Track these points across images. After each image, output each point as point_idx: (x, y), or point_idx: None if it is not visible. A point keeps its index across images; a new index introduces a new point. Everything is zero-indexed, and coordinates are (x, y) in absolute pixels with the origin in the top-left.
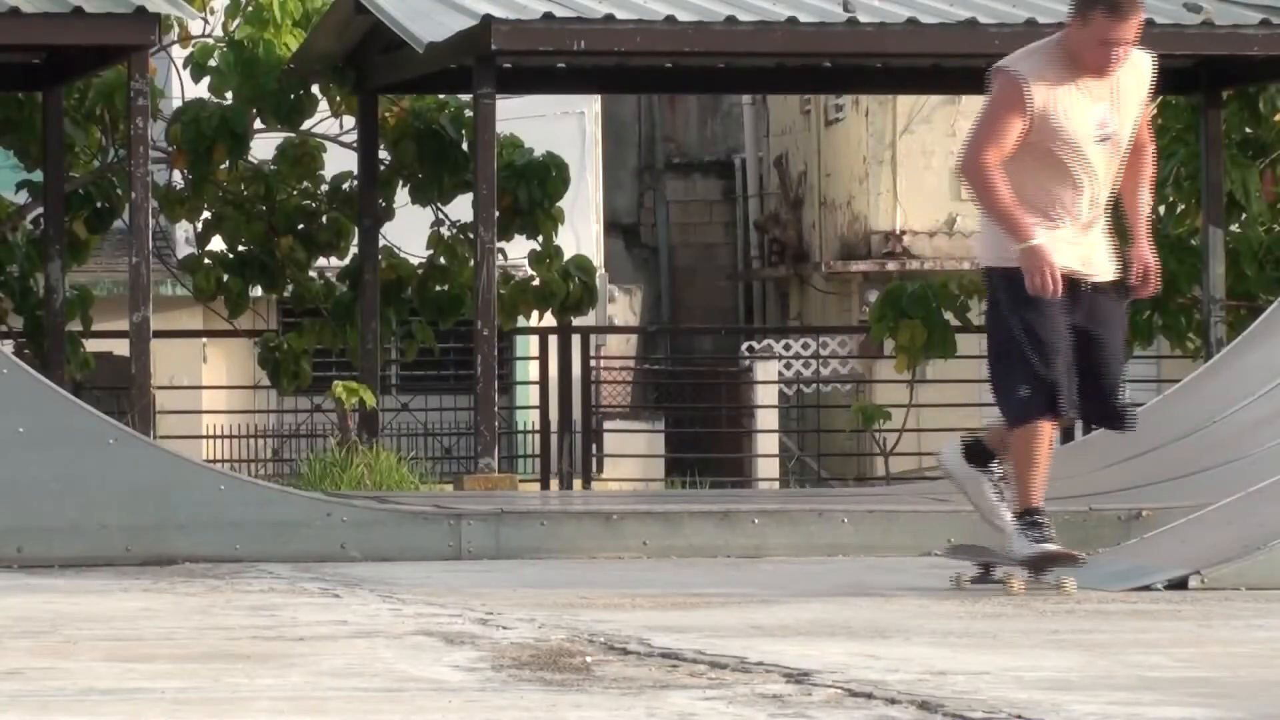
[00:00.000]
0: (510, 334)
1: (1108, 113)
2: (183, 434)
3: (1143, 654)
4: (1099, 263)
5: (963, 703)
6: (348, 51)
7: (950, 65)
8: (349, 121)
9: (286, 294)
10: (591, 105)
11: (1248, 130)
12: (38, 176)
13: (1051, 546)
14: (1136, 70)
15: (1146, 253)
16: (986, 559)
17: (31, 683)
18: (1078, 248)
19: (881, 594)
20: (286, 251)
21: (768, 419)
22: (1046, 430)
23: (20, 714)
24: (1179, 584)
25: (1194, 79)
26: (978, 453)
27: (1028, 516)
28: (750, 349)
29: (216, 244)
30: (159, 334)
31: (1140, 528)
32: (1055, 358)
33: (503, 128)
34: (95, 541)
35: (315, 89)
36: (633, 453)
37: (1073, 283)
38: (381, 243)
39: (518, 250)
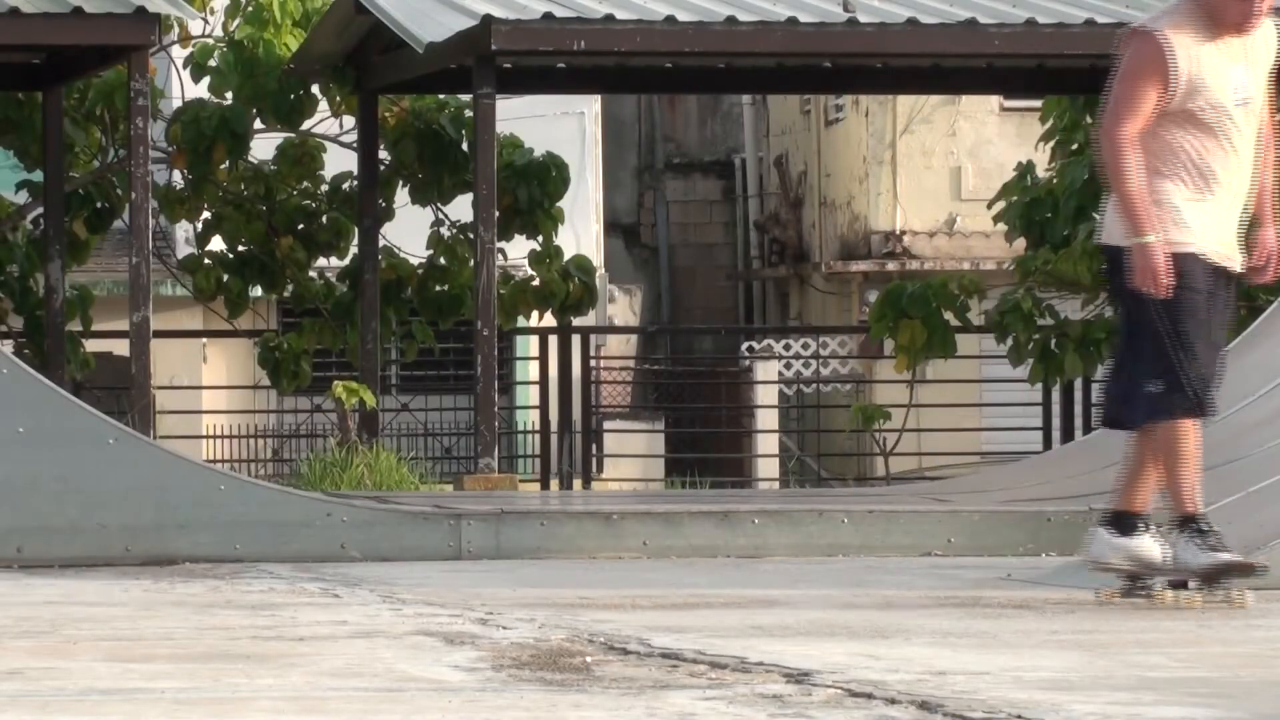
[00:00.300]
0: (510, 334)
1: (1243, 75)
2: (183, 434)
3: (1143, 654)
4: (1237, 250)
5: (963, 703)
6: (348, 51)
7: (950, 65)
8: (349, 121)
9: (286, 294)
10: (591, 105)
11: None
12: (38, 176)
13: (1227, 556)
14: (1265, 33)
15: (1272, 237)
16: (1137, 569)
17: (31, 683)
18: (1223, 230)
19: (881, 594)
20: (286, 251)
21: (768, 419)
22: (1189, 428)
23: (20, 714)
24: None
25: None
26: (1125, 521)
27: (1192, 524)
28: (750, 349)
29: (216, 244)
30: (159, 334)
31: None
32: (1198, 350)
33: (503, 128)
34: (95, 541)
35: (315, 89)
36: (633, 453)
37: (1215, 269)
38: (381, 243)
39: (518, 250)
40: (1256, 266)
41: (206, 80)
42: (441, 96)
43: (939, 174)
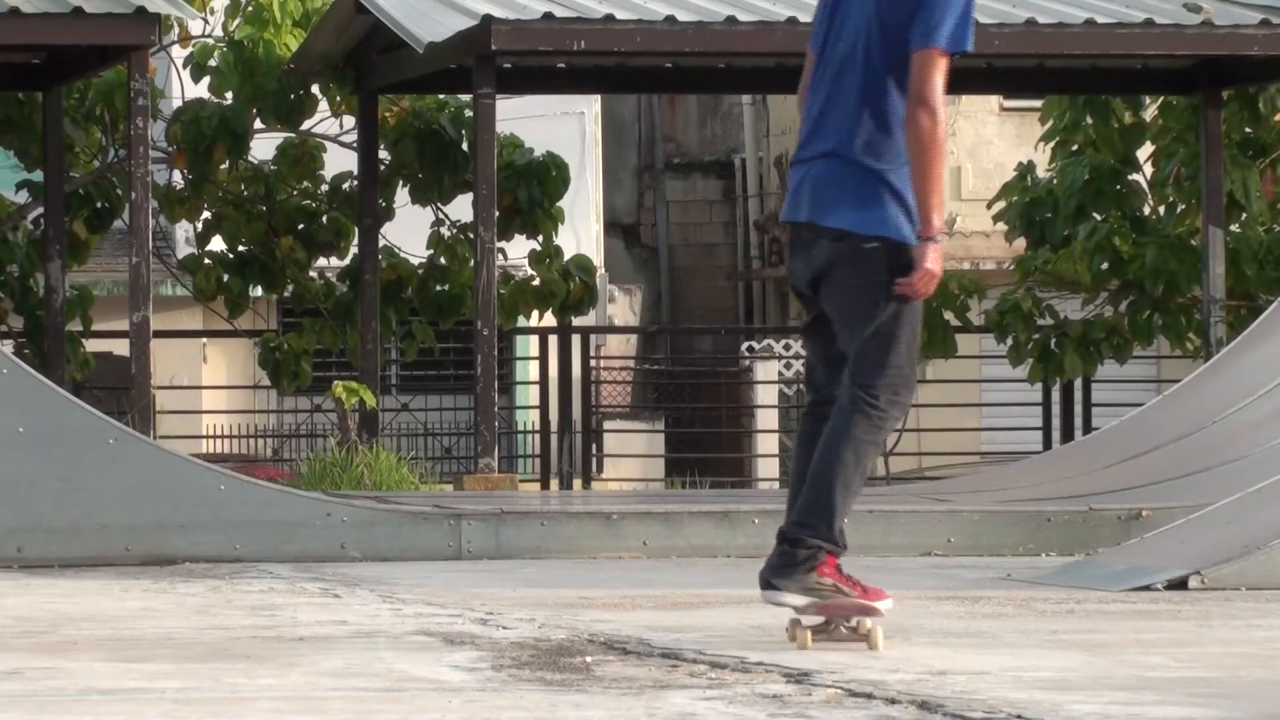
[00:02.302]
0: (510, 334)
1: None
2: (183, 434)
3: (1143, 654)
4: None
5: (963, 703)
6: (348, 51)
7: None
8: (349, 121)
9: (286, 294)
10: (591, 105)
11: (1248, 130)
12: (38, 176)
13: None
14: None
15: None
16: None
17: (31, 683)
18: None
19: None
20: (286, 251)
21: (768, 419)
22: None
23: (20, 714)
24: (1179, 584)
25: (1194, 79)
26: None
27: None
28: (750, 349)
29: (216, 244)
30: (159, 334)
31: (1140, 528)
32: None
33: (503, 128)
34: (95, 541)
35: (315, 89)
36: (633, 453)
37: None
38: (381, 243)
39: (518, 250)
40: None
41: (206, 80)
42: (441, 96)
43: None
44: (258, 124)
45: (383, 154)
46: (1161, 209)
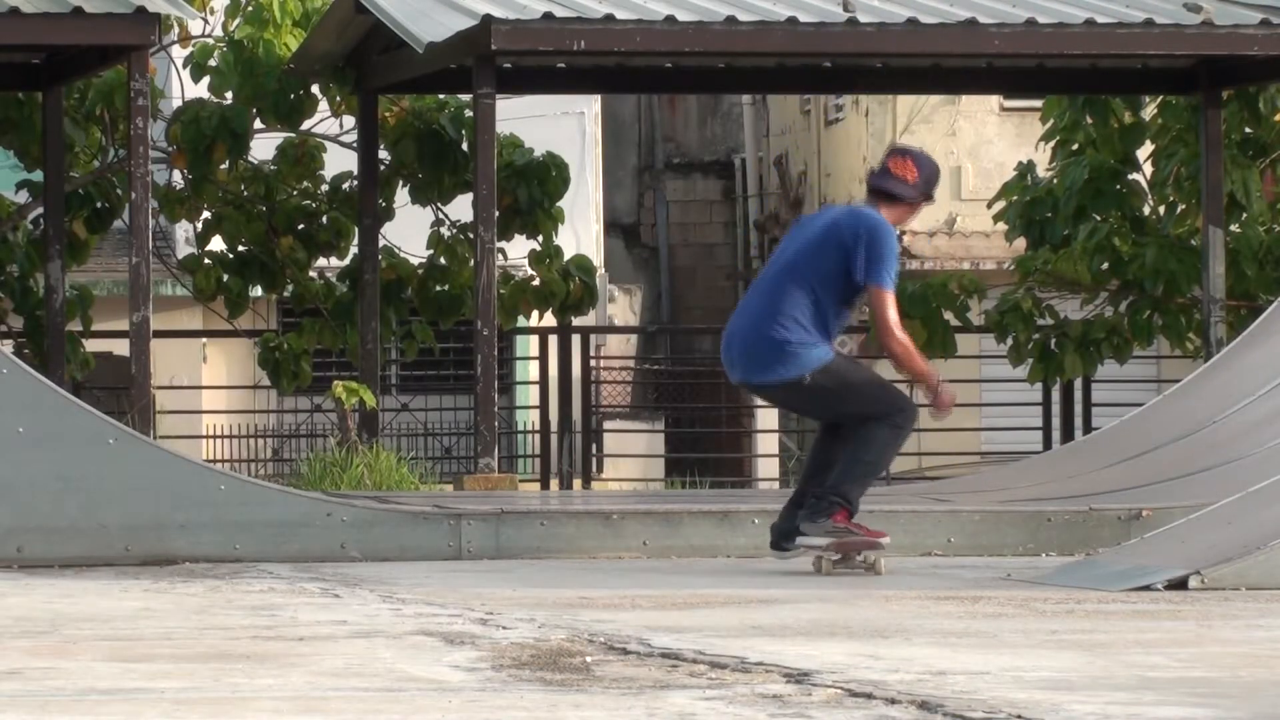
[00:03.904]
0: (510, 334)
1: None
2: (183, 434)
3: (1143, 654)
4: None
5: (963, 703)
6: (348, 51)
7: (950, 65)
8: (349, 121)
9: (286, 294)
10: (591, 105)
11: (1248, 130)
12: (38, 176)
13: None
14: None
15: None
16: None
17: (31, 683)
18: None
19: (881, 594)
20: (286, 251)
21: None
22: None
23: (20, 714)
24: (1179, 584)
25: (1194, 79)
26: None
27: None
28: None
29: (216, 244)
30: (159, 334)
31: (1140, 528)
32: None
33: (503, 128)
34: (95, 541)
35: (315, 89)
36: (633, 453)
37: None
38: (381, 243)
39: (518, 250)
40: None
41: (206, 80)
42: (441, 96)
43: None
44: (258, 124)
45: (383, 154)
46: (1161, 209)
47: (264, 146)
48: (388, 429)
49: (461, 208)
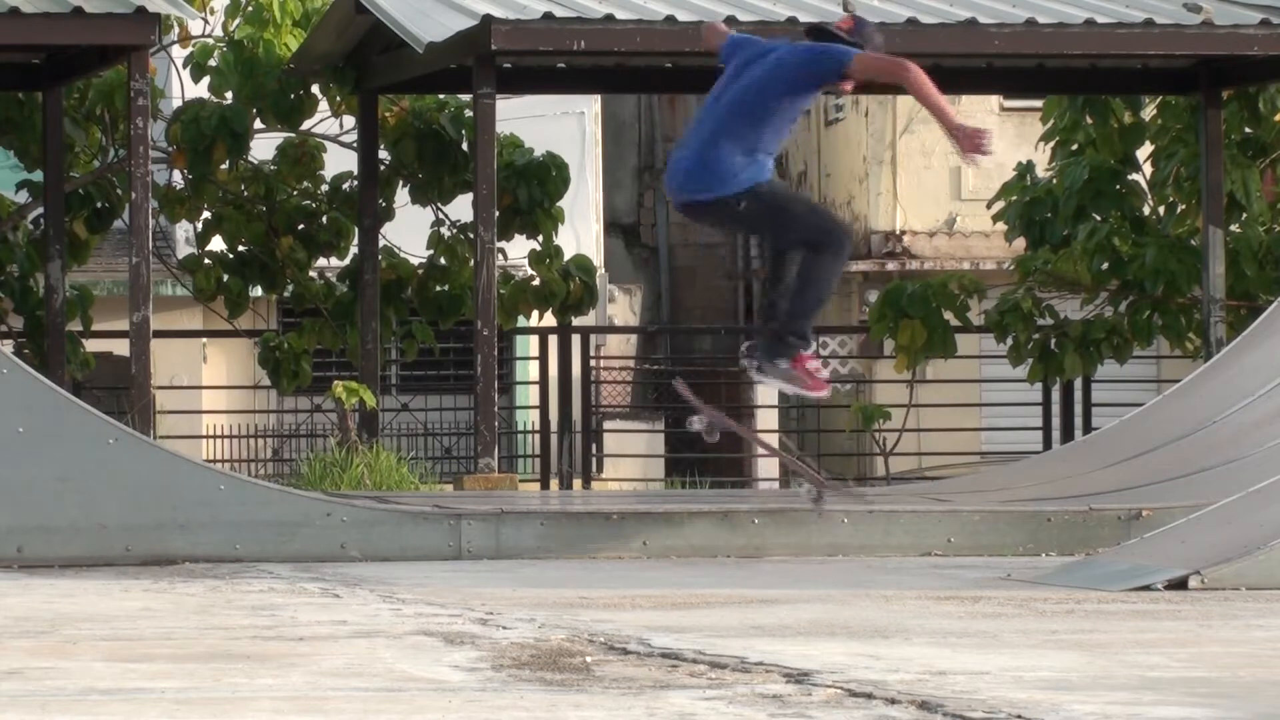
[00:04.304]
0: (510, 334)
1: None
2: (183, 434)
3: (1143, 654)
4: None
5: (963, 703)
6: (348, 51)
7: (950, 65)
8: (349, 121)
9: (286, 294)
10: (591, 105)
11: (1248, 130)
12: (38, 176)
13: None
14: None
15: None
16: None
17: (31, 683)
18: None
19: (881, 594)
20: (286, 251)
21: (768, 419)
22: None
23: (20, 714)
24: (1179, 584)
25: (1194, 79)
26: None
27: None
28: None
29: (216, 244)
30: (159, 334)
31: (1140, 528)
32: None
33: (503, 128)
34: (95, 541)
35: (315, 89)
36: (633, 453)
37: None
38: (381, 243)
39: (518, 250)
40: None
41: (206, 80)
42: (441, 96)
43: (939, 174)
44: (258, 124)
45: (383, 154)
46: (1161, 209)
47: (264, 146)
48: (388, 429)
49: (461, 208)
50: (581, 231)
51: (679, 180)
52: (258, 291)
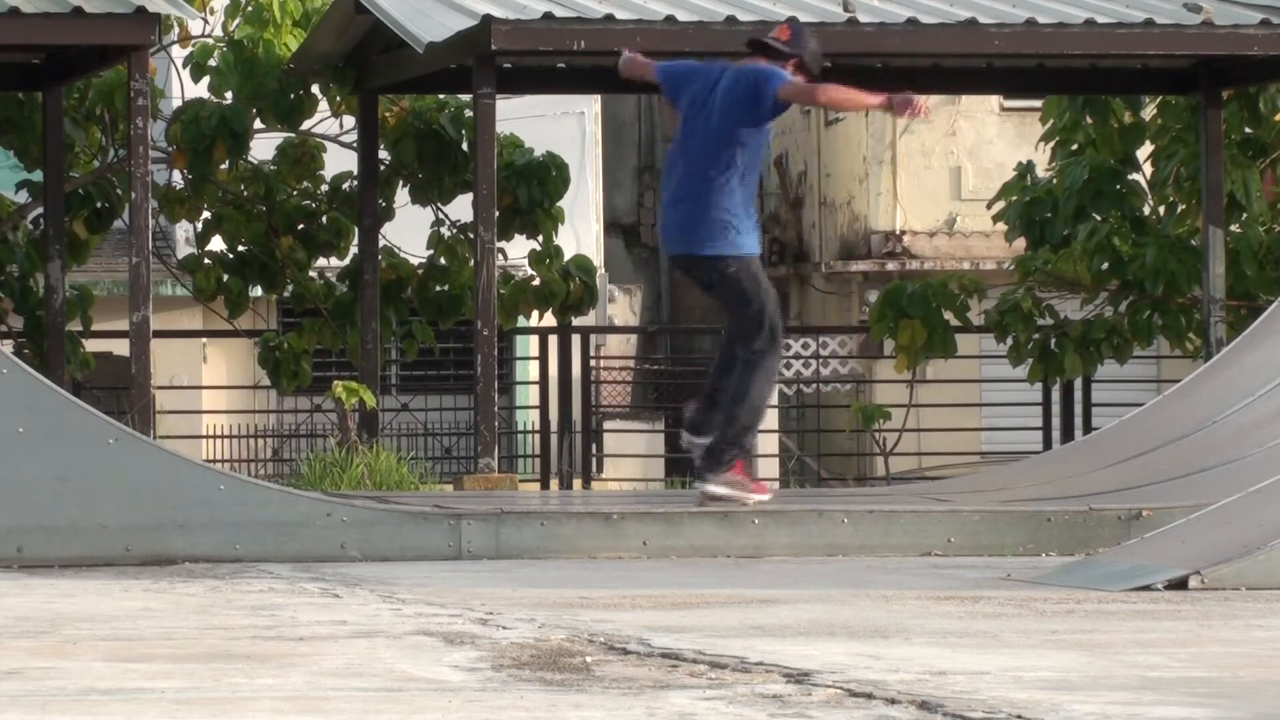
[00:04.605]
0: (510, 334)
1: None
2: (183, 434)
3: (1143, 654)
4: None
5: (963, 703)
6: (348, 51)
7: (950, 65)
8: (349, 121)
9: (286, 294)
10: (591, 105)
11: (1248, 130)
12: (38, 176)
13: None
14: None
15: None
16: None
17: (31, 683)
18: None
19: (881, 594)
20: (286, 251)
21: (767, 419)
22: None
23: (20, 714)
24: (1179, 584)
25: (1194, 79)
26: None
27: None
28: None
29: (216, 244)
30: (159, 334)
31: (1140, 528)
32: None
33: (503, 128)
34: (95, 541)
35: (315, 89)
36: (633, 453)
37: None
38: (381, 243)
39: (518, 250)
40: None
41: (206, 80)
42: (441, 96)
43: (939, 174)
44: (258, 124)
45: (383, 154)
46: (1161, 209)
47: (264, 146)
48: (388, 429)
49: (461, 208)
50: (581, 231)
51: (675, 234)
52: (258, 291)
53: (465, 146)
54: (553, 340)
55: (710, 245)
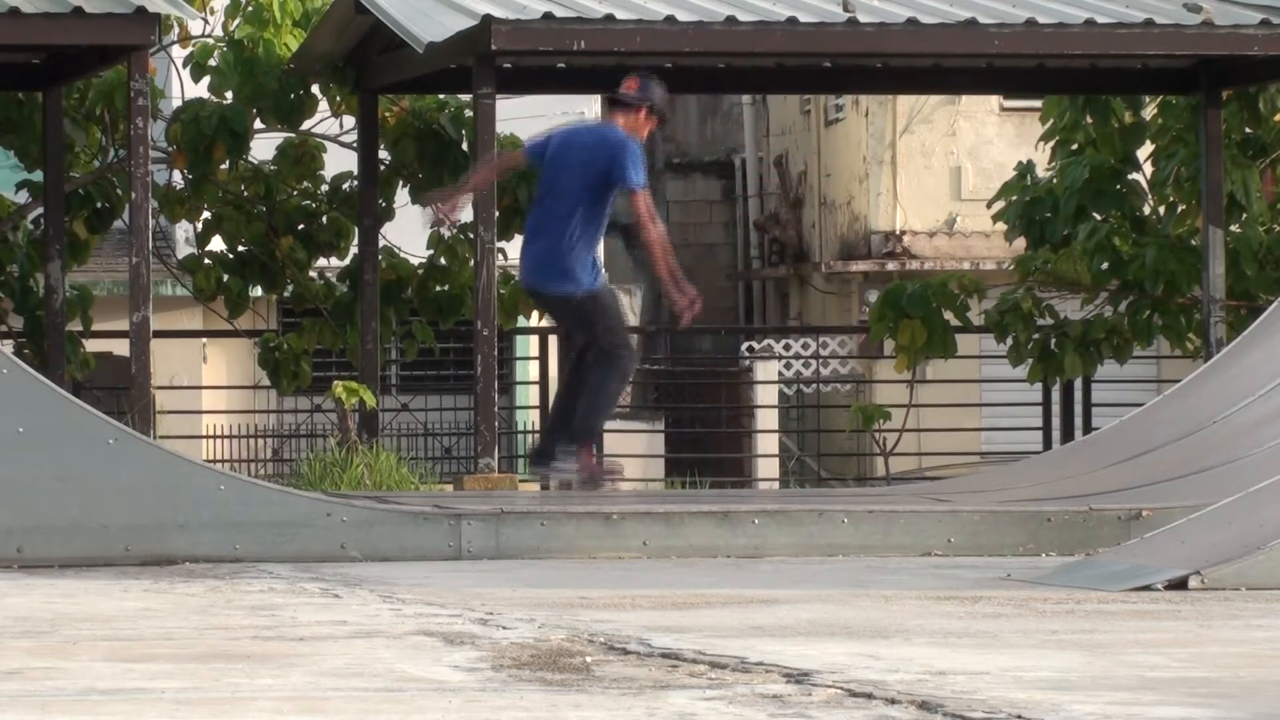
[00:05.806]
0: (510, 334)
1: None
2: (183, 434)
3: (1143, 654)
4: None
5: (963, 703)
6: (348, 51)
7: (950, 65)
8: (349, 121)
9: (286, 294)
10: (591, 105)
11: (1248, 130)
12: (38, 176)
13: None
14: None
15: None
16: None
17: (31, 683)
18: None
19: (881, 594)
20: (286, 251)
21: (768, 419)
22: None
23: (20, 714)
24: (1179, 584)
25: (1194, 79)
26: None
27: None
28: (750, 349)
29: (216, 244)
30: (159, 334)
31: (1140, 528)
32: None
33: (503, 128)
34: (95, 541)
35: (315, 89)
36: (633, 453)
37: None
38: (381, 243)
39: (518, 250)
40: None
41: (206, 80)
42: (441, 96)
43: (939, 174)
44: (258, 124)
45: (383, 154)
46: (1161, 209)
47: (264, 146)
48: (388, 429)
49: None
50: None
51: (532, 272)
52: (258, 291)
53: (465, 146)
54: (553, 340)
55: (557, 284)
